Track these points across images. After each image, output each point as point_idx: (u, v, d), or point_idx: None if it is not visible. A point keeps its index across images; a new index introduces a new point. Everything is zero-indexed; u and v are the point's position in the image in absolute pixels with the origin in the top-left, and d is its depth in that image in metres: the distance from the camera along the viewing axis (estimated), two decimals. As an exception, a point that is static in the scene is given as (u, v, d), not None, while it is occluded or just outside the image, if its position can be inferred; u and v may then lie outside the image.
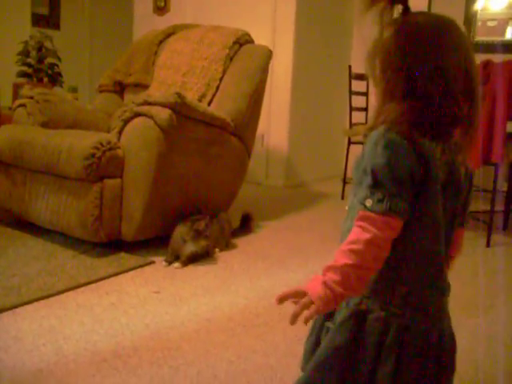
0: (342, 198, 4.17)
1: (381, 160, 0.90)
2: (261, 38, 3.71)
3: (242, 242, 2.86)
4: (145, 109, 2.44)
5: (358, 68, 4.38)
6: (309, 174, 4.84)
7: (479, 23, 4.57)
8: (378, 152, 0.90)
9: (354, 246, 0.90)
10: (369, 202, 0.90)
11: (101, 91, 3.48)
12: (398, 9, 0.98)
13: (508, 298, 2.30)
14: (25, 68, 3.94)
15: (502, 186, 3.71)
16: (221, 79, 2.97)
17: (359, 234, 0.90)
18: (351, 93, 4.24)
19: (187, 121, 2.53)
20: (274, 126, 4.50)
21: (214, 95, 2.96)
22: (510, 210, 3.57)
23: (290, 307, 0.94)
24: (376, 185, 0.90)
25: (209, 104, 2.94)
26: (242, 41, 3.13)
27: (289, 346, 1.72)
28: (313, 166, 4.89)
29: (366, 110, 4.40)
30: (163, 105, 2.43)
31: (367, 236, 0.89)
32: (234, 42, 3.08)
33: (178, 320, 1.89)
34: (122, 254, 2.50)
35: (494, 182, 3.04)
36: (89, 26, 6.69)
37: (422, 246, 0.96)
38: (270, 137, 4.51)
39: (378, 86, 1.00)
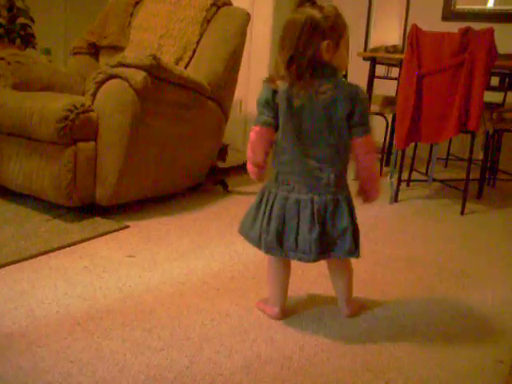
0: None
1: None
2: (239, 1, 3.64)
3: (218, 207, 2.85)
4: (119, 71, 2.39)
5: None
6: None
7: (461, -9, 4.54)
8: None
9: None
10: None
11: (75, 53, 3.39)
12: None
13: (479, 263, 2.33)
14: (-4, 28, 3.83)
15: (478, 154, 3.74)
16: (198, 42, 2.91)
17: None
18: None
19: (162, 84, 2.49)
20: (253, 92, 4.44)
21: (190, 58, 2.91)
22: (485, 179, 3.61)
23: (264, 272, 0.93)
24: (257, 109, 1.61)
25: (185, 67, 2.89)
26: (220, 3, 3.07)
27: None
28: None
29: (345, 77, 4.36)
30: (138, 67, 2.38)
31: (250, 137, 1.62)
32: (212, 4, 3.02)
33: (152, 284, 1.88)
34: (97, 219, 2.47)
35: (470, 150, 3.06)
36: (63, -14, 6.49)
37: (279, 144, 1.60)
38: (248, 103, 4.46)
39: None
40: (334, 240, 1.58)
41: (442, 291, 2.01)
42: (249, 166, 1.66)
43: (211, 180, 3.11)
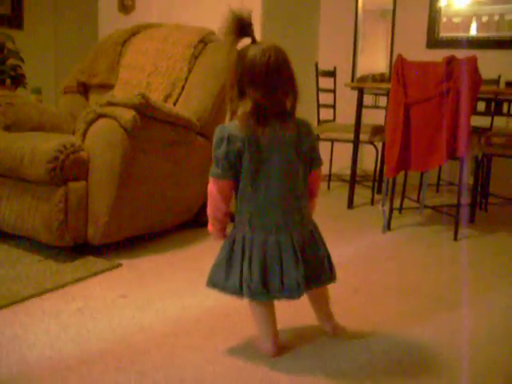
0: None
1: None
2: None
3: (210, 242, 2.83)
4: (108, 110, 2.41)
5: (325, 65, 4.40)
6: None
7: (444, 19, 4.62)
8: None
9: None
10: None
11: (65, 92, 3.43)
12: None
13: (475, 292, 2.33)
14: (-14, 70, 3.86)
15: (468, 179, 3.76)
16: (186, 78, 2.94)
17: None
18: (319, 90, 4.26)
19: (152, 121, 2.51)
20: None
21: (179, 95, 2.93)
22: (476, 204, 3.63)
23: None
24: None
25: (174, 104, 2.92)
26: (207, 39, 3.11)
27: (257, 346, 1.72)
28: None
29: (333, 107, 4.42)
30: (127, 106, 2.40)
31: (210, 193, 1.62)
32: (199, 41, 3.06)
33: (146, 323, 1.87)
34: (89, 258, 2.46)
35: (460, 176, 3.08)
36: (53, 26, 6.56)
37: (246, 190, 1.58)
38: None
39: (227, 94, 1.59)
40: (315, 270, 1.62)
41: (436, 322, 2.00)
42: (211, 227, 1.68)
43: (201, 220, 3.05)
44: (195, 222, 3.01)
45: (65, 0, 6.57)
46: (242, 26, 1.57)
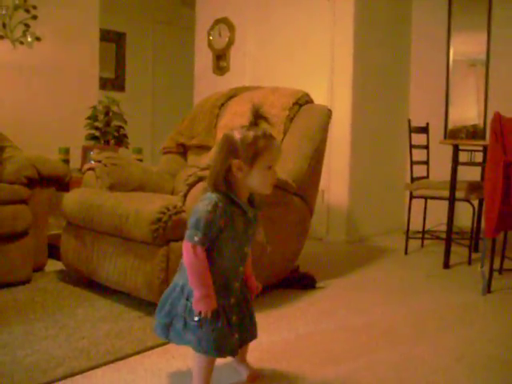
0: (406, 252, 4.10)
1: None
2: (319, 95, 3.77)
3: (304, 301, 2.84)
4: (208, 173, 2.50)
5: (417, 121, 4.37)
6: (370, 229, 4.79)
7: None
8: None
9: None
10: None
11: (165, 153, 3.60)
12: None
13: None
14: (93, 131, 4.13)
15: None
16: (282, 140, 3.02)
17: None
18: (411, 146, 4.22)
19: (249, 183, 2.57)
20: (334, 182, 4.51)
21: (275, 156, 3.00)
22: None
23: None
24: None
25: (270, 165, 2.98)
26: (302, 101, 3.19)
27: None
28: (374, 221, 4.84)
29: (427, 163, 4.35)
30: (226, 169, 2.49)
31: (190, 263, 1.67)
32: (294, 103, 3.14)
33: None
34: (187, 316, 2.52)
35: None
36: (151, 88, 6.98)
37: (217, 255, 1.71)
38: (331, 192, 4.52)
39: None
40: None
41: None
42: (204, 301, 1.65)
43: (295, 283, 3.09)
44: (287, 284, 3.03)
45: (162, 63, 7.00)
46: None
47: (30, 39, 4.29)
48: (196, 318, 1.67)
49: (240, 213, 1.71)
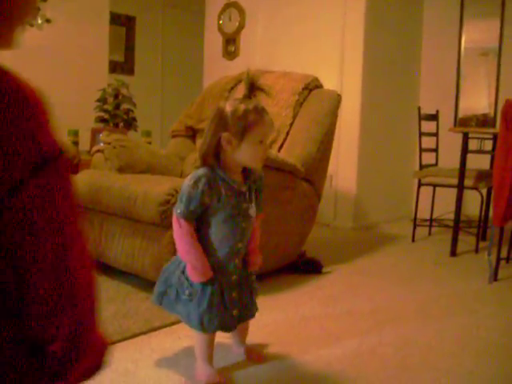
0: (413, 240, 4.09)
1: None
2: (329, 81, 3.75)
3: (311, 286, 2.85)
4: (217, 156, 2.51)
5: (427, 109, 4.34)
6: (377, 216, 4.78)
7: None
8: None
9: None
10: None
11: (173, 136, 3.60)
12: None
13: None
14: (102, 114, 4.14)
15: None
16: (291, 125, 3.01)
17: None
18: (421, 134, 4.20)
19: (259, 167, 2.58)
20: (343, 167, 4.50)
21: (284, 141, 3.01)
22: None
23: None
24: None
25: (279, 149, 2.99)
26: (312, 86, 3.18)
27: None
28: (382, 208, 4.84)
29: (436, 150, 4.33)
30: (235, 152, 2.49)
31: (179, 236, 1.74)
32: (304, 88, 3.13)
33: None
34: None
35: None
36: (161, 71, 6.97)
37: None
38: (339, 178, 4.51)
39: None
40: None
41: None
42: (195, 272, 1.69)
43: (302, 268, 3.10)
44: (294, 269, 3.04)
45: (172, 47, 6.98)
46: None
47: (40, 21, 4.30)
48: (187, 292, 1.70)
49: (230, 187, 1.69)
